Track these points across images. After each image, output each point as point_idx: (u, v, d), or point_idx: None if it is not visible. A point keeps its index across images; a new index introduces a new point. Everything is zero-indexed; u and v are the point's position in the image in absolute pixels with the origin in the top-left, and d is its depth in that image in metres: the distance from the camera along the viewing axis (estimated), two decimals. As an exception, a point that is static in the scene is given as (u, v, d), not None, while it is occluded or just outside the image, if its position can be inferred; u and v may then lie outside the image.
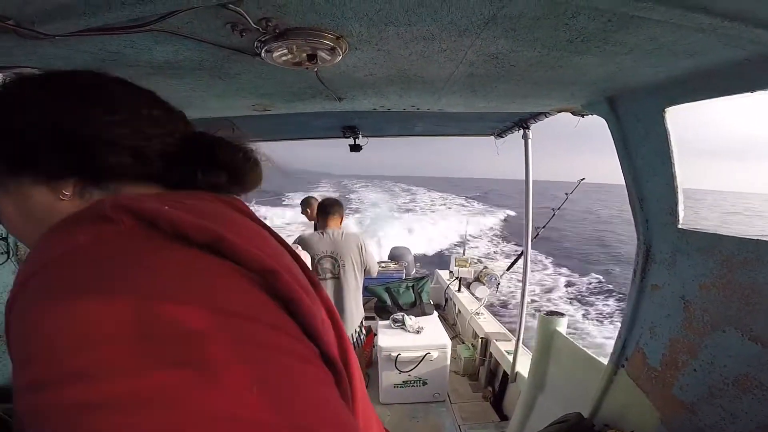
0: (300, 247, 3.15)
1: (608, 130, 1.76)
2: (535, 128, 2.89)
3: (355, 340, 3.47)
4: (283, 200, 34.44)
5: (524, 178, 3.23)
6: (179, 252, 0.43)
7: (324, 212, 3.33)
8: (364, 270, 3.34)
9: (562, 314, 2.68)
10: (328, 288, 3.19)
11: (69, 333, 0.34)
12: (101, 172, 0.56)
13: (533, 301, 11.94)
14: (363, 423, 0.57)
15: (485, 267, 5.24)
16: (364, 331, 3.55)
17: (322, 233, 3.25)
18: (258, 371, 0.37)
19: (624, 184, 1.77)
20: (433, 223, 25.41)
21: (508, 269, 5.14)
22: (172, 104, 0.65)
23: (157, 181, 0.60)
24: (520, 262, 3.78)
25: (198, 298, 0.39)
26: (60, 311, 0.35)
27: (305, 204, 4.78)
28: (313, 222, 4.53)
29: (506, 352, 3.57)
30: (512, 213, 34.02)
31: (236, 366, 0.35)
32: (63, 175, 0.55)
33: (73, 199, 0.55)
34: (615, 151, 1.76)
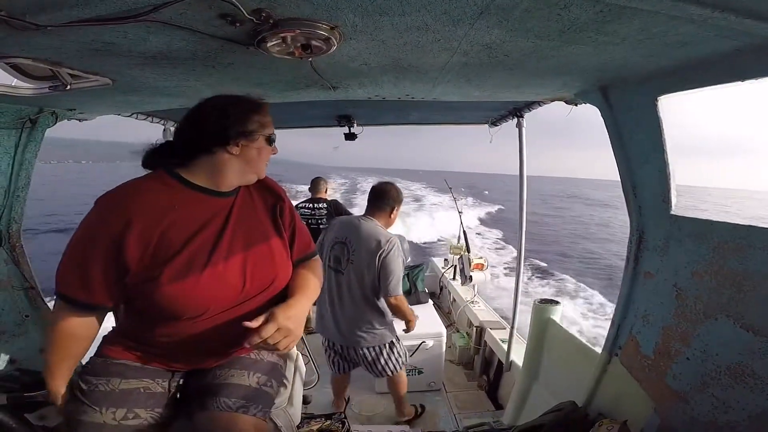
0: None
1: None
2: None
3: (371, 358, 2.73)
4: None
5: (518, 168, 3.18)
6: None
7: (372, 199, 2.64)
8: (379, 281, 2.53)
9: (557, 302, 2.67)
10: (330, 281, 2.61)
11: None
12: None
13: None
14: None
15: (480, 256, 5.24)
16: (390, 354, 2.79)
17: (349, 219, 2.70)
18: None
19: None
20: (427, 212, 25.45)
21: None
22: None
23: None
24: (514, 251, 3.79)
25: None
26: None
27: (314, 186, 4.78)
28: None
29: (501, 340, 3.57)
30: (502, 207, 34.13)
31: None
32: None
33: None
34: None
